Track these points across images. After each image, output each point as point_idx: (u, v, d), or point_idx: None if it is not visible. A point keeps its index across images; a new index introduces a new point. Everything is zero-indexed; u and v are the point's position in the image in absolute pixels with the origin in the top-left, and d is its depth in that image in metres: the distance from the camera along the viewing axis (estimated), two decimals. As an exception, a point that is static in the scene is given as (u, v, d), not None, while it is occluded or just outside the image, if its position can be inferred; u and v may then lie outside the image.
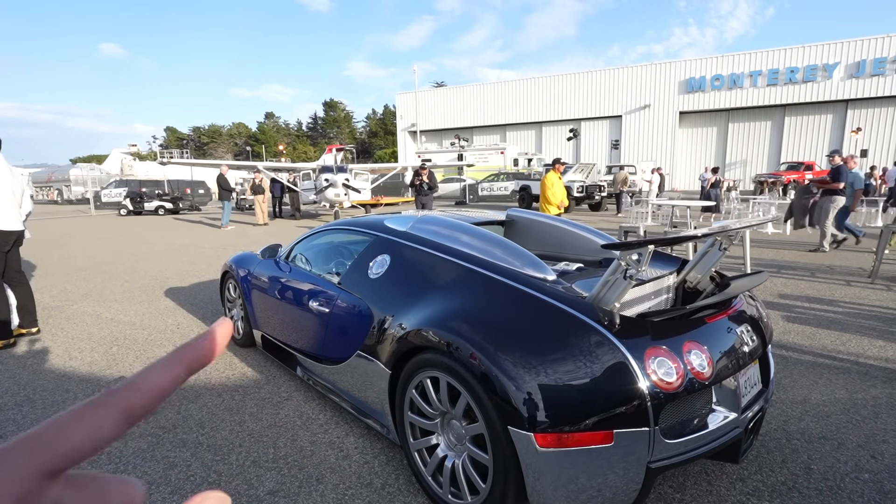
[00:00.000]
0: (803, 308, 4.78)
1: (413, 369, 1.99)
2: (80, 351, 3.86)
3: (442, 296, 2.07)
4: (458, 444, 1.91)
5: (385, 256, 2.51)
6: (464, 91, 38.30)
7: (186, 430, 2.61)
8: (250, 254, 3.89)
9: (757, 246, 8.65)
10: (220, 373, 3.39)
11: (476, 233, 2.41)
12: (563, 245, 2.98)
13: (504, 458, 1.63)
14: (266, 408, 2.86)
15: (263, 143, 75.57)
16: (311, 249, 3.31)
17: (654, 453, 1.58)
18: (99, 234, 12.55)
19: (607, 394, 1.55)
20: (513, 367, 1.62)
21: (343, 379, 2.59)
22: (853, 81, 26.48)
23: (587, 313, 1.72)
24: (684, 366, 1.64)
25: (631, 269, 1.68)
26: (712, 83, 29.47)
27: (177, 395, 3.04)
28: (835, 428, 2.55)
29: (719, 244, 2.33)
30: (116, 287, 6.21)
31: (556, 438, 1.53)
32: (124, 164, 34.90)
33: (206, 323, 4.56)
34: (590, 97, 33.22)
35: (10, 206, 3.96)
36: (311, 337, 2.86)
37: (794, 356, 3.53)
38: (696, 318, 1.87)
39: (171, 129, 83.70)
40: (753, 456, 2.30)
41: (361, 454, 2.37)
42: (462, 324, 1.85)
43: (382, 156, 60.21)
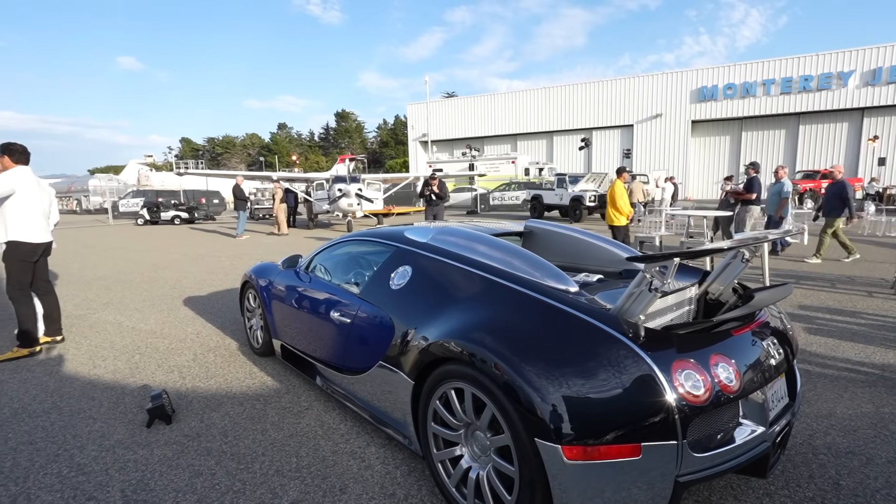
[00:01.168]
0: (825, 320, 4.70)
1: (437, 380, 2.00)
2: (104, 359, 3.93)
3: (465, 307, 2.09)
4: (482, 455, 1.92)
5: (406, 267, 2.54)
6: (475, 101, 38.55)
7: (210, 439, 2.64)
8: (270, 264, 3.95)
9: (774, 257, 8.54)
10: (240, 382, 3.43)
11: (497, 244, 2.42)
12: (582, 256, 2.99)
13: (531, 470, 1.64)
14: (287, 417, 2.89)
15: (276, 153, 76.55)
16: (331, 260, 3.35)
17: (683, 467, 1.57)
18: (117, 244, 12.78)
19: (635, 406, 1.55)
20: (539, 379, 1.63)
21: (363, 389, 2.61)
22: (869, 89, 26.18)
23: (612, 325, 1.72)
24: (711, 379, 1.64)
25: (656, 282, 1.68)
26: (725, 92, 29.34)
27: (199, 404, 3.08)
28: (862, 443, 2.50)
29: (742, 256, 2.32)
30: (136, 296, 6.32)
31: (583, 451, 1.54)
32: (141, 175, 35.57)
33: (225, 332, 4.62)
34: (601, 106, 33.23)
35: (39, 219, 4.07)
36: (332, 347, 2.89)
37: (817, 369, 3.48)
38: (721, 330, 1.86)
39: (186, 140, 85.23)
40: (780, 471, 2.27)
41: (383, 464, 2.38)
42: (487, 335, 1.86)
43: (393, 165, 60.64)
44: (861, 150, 27.37)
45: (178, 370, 3.67)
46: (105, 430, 2.75)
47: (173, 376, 3.55)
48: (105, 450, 2.55)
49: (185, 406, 3.05)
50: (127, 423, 2.84)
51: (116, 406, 3.07)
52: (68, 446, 2.59)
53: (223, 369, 3.68)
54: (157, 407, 2.77)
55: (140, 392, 3.28)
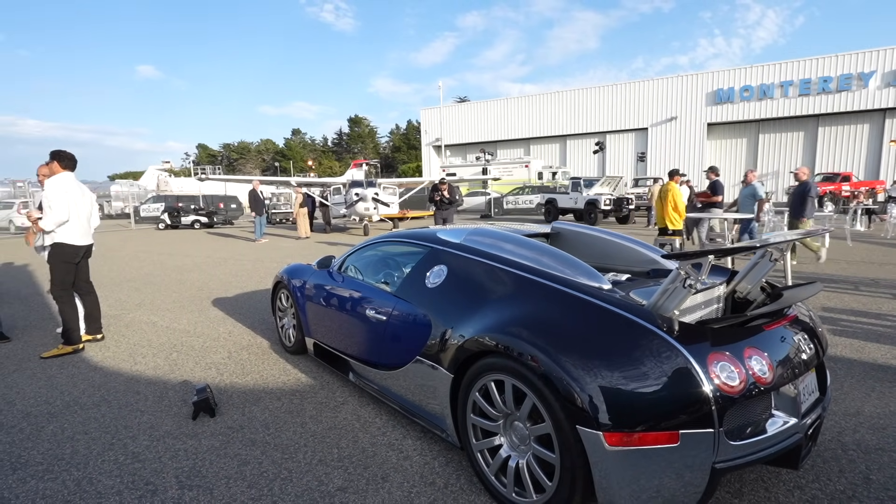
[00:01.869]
0: (849, 321, 4.70)
1: (477, 373, 2.10)
2: (144, 356, 4.10)
3: (502, 303, 2.18)
4: (521, 444, 2.00)
5: (442, 267, 2.65)
6: (487, 106, 38.68)
7: (253, 431, 2.77)
8: (303, 265, 4.09)
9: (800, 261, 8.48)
10: (275, 378, 3.56)
11: (529, 244, 2.52)
12: (609, 256, 3.06)
13: (572, 456, 1.72)
14: (324, 411, 3.01)
15: (290, 158, 77.51)
16: (364, 260, 3.47)
17: (719, 454, 1.64)
18: (141, 248, 13.11)
19: (672, 396, 1.62)
20: (578, 370, 1.72)
21: (397, 384, 2.71)
22: (891, 90, 25.72)
23: (648, 320, 1.80)
24: (746, 370, 1.71)
25: (690, 279, 1.76)
26: (741, 94, 29.04)
27: (239, 398, 3.21)
28: (892, 440, 2.54)
29: (770, 255, 2.38)
30: (166, 297, 6.52)
31: (624, 437, 1.62)
32: (160, 180, 36.33)
33: (256, 332, 4.77)
34: (615, 110, 33.11)
35: (82, 223, 4.27)
36: (366, 343, 3.00)
37: (843, 369, 3.50)
38: (753, 325, 1.93)
39: (203, 146, 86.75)
40: (809, 465, 2.31)
41: (421, 455, 2.47)
42: (525, 329, 1.95)
43: (406, 170, 61.03)
44: (883, 152, 26.86)
45: (214, 367, 3.82)
46: (153, 422, 2.89)
47: (211, 372, 3.70)
48: (156, 440, 2.68)
49: (225, 400, 3.19)
50: (173, 415, 2.98)
51: (161, 400, 3.22)
52: (121, 436, 2.74)
53: (258, 366, 3.81)
54: (203, 400, 2.91)
55: (181, 387, 3.42)
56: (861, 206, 14.44)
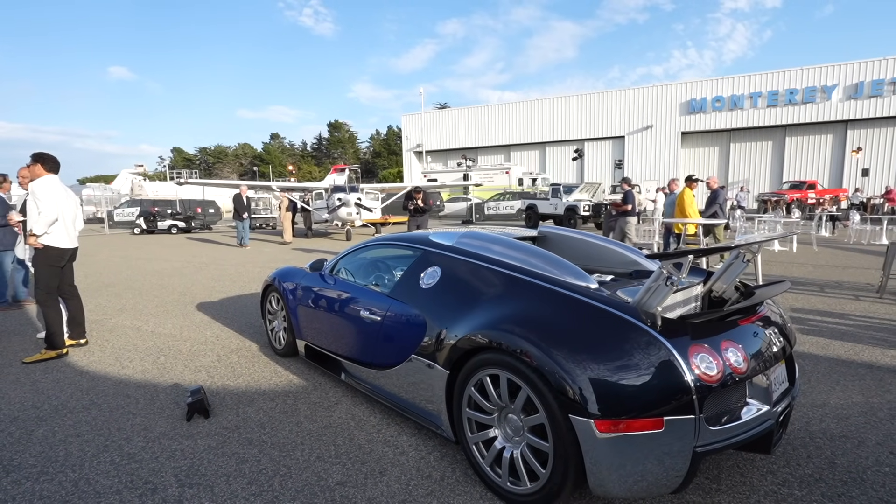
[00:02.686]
0: (816, 321, 4.97)
1: (472, 368, 2.20)
2: (131, 360, 4.07)
3: (496, 302, 2.29)
4: (514, 436, 2.11)
5: (436, 268, 2.74)
6: (468, 112, 39.06)
7: (249, 430, 2.81)
8: (294, 268, 4.13)
9: (763, 262, 8.86)
10: (267, 380, 3.59)
11: (518, 246, 2.64)
12: (594, 258, 3.21)
13: (564, 444, 1.83)
14: (319, 411, 3.06)
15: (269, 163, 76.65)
16: (356, 263, 3.54)
17: (700, 439, 1.78)
18: (117, 253, 12.83)
19: (657, 385, 1.75)
20: (570, 363, 1.83)
21: (391, 382, 2.79)
22: (852, 102, 27.00)
23: (634, 315, 1.93)
24: (723, 361, 1.85)
25: (673, 277, 1.90)
26: (713, 104, 30.06)
27: (232, 400, 3.24)
28: (854, 428, 2.73)
29: (743, 257, 2.56)
30: (148, 302, 6.44)
31: (613, 425, 1.74)
32: (134, 184, 35.50)
33: (244, 335, 4.77)
34: (593, 118, 33.85)
35: (68, 226, 4.22)
36: (360, 344, 3.07)
37: (810, 364, 3.72)
38: (729, 321, 2.08)
39: (178, 150, 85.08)
40: (780, 452, 2.48)
41: (417, 451, 2.56)
42: (520, 326, 2.07)
43: (387, 175, 61.00)
44: (845, 162, 28.13)
45: (205, 370, 3.82)
46: (147, 424, 2.90)
47: (201, 375, 3.70)
48: (151, 441, 2.70)
49: (218, 402, 3.21)
50: (166, 417, 2.99)
51: (153, 402, 3.22)
52: (115, 438, 2.74)
53: (248, 369, 3.84)
54: (197, 401, 2.93)
55: (172, 390, 3.42)
56: (826, 212, 15.11)
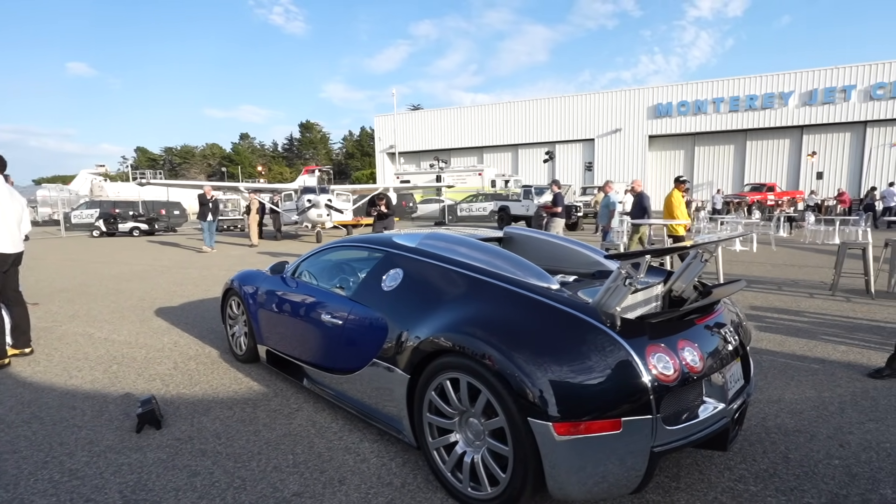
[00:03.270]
0: (773, 318, 5.13)
1: (433, 372, 2.16)
2: (80, 370, 3.86)
3: (456, 304, 2.26)
4: (475, 440, 2.07)
5: (398, 270, 2.69)
6: (441, 114, 39.11)
7: (203, 441, 2.68)
8: (255, 271, 4.00)
9: (725, 262, 9.14)
10: (226, 387, 3.46)
11: (482, 247, 2.62)
12: (558, 259, 3.22)
13: (524, 448, 1.81)
14: (278, 418, 2.96)
15: (238, 163, 74.92)
16: (319, 265, 3.45)
17: (657, 439, 1.78)
18: (73, 256, 12.26)
19: (615, 386, 1.75)
20: (529, 365, 1.81)
21: (353, 387, 2.72)
22: (807, 109, 28.28)
23: (593, 316, 1.93)
24: (679, 361, 1.86)
25: (631, 277, 1.91)
26: (679, 109, 30.98)
27: (187, 409, 3.10)
28: (807, 422, 2.81)
29: (701, 257, 2.60)
30: (103, 308, 6.14)
31: (571, 427, 1.72)
32: (94, 185, 34.11)
33: (204, 341, 4.60)
34: (564, 121, 34.40)
35: (12, 228, 3.98)
36: (322, 348, 2.98)
37: (767, 361, 3.83)
38: (686, 320, 2.11)
39: (142, 150, 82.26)
40: (737, 448, 2.53)
41: (378, 457, 2.49)
42: (480, 329, 2.03)
43: (360, 177, 60.46)
44: (802, 165, 29.42)
45: (159, 378, 3.66)
46: (93, 437, 2.74)
47: (156, 384, 3.54)
48: (96, 455, 2.55)
49: (172, 412, 3.07)
50: (114, 429, 2.84)
51: (101, 414, 3.05)
52: (56, 453, 2.57)
53: (207, 376, 3.69)
54: (148, 412, 2.79)
55: (123, 400, 3.26)
56: (784, 214, 15.74)
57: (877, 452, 2.48)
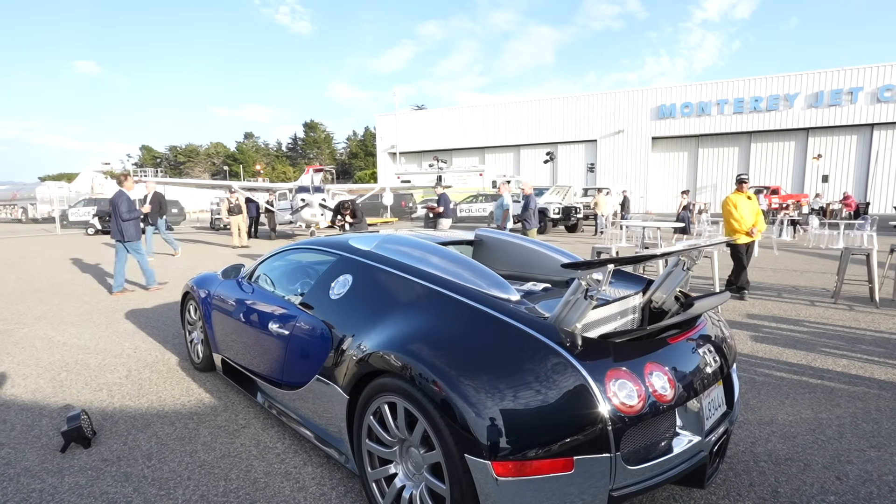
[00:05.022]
0: (770, 328, 4.85)
1: (371, 394, 1.90)
2: (25, 377, 3.62)
3: (401, 317, 2.00)
4: (416, 473, 1.82)
5: (347, 276, 2.44)
6: (443, 113, 38.87)
7: (131, 463, 2.44)
8: (211, 274, 3.76)
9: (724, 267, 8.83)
10: (175, 399, 3.22)
11: (440, 252, 2.36)
12: (531, 265, 2.96)
13: (461, 487, 1.55)
14: (221, 437, 2.71)
15: (242, 162, 74.99)
16: (275, 269, 3.21)
17: (616, 480, 1.52)
18: (62, 254, 12.07)
19: (567, 419, 1.49)
20: (469, 392, 1.55)
21: (304, 405, 2.47)
22: (813, 111, 27.86)
23: (548, 335, 1.67)
24: (646, 388, 1.60)
25: (591, 289, 1.65)
26: (682, 110, 30.62)
27: (125, 424, 2.85)
28: (801, 449, 2.54)
29: (683, 264, 2.33)
30: (74, 309, 5.92)
31: (514, 467, 1.47)
32: (94, 183, 34.08)
33: (167, 347, 4.36)
34: (566, 122, 34.09)
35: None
36: (271, 360, 2.74)
37: (761, 376, 3.55)
38: (659, 339, 1.84)
39: (147, 148, 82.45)
40: (721, 480, 2.26)
41: (319, 485, 2.24)
42: (419, 346, 1.78)
43: (363, 177, 60.35)
44: (807, 168, 28.99)
45: (107, 388, 3.42)
46: (12, 457, 2.50)
47: (101, 395, 3.30)
48: (7, 479, 2.30)
49: (108, 427, 2.82)
50: (40, 447, 2.60)
51: (30, 429, 2.81)
52: (-34, 475, 2.34)
53: (158, 386, 3.45)
54: (74, 429, 2.54)
55: (61, 413, 3.02)
56: (787, 217, 15.39)
57: (878, 486, 2.21)
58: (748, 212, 6.09)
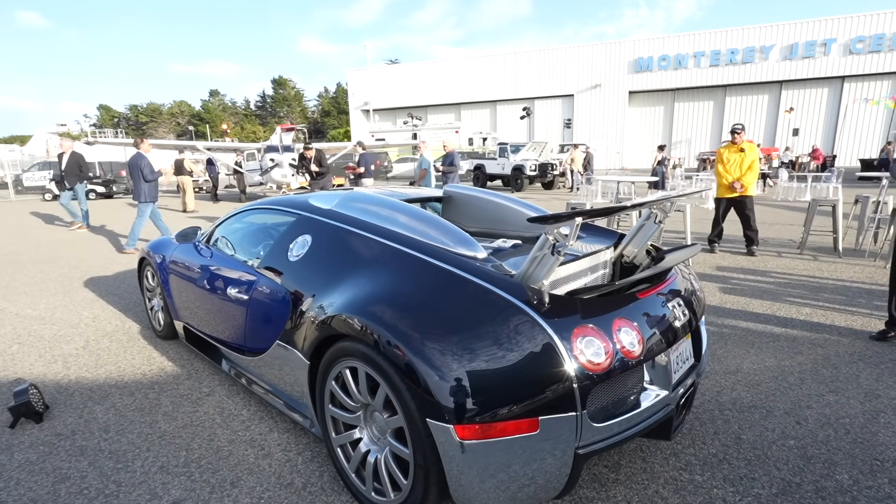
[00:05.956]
0: (738, 279, 4.93)
1: (332, 359, 1.82)
2: (-27, 351, 3.43)
3: (361, 279, 1.89)
4: (381, 437, 1.77)
5: (306, 237, 2.30)
6: (417, 68, 37.53)
7: (87, 436, 2.33)
8: (167, 238, 3.56)
9: (696, 220, 8.95)
10: (135, 369, 3.09)
11: (404, 210, 2.23)
12: (502, 221, 2.86)
13: (424, 452, 1.50)
14: (183, 405, 2.62)
15: (208, 122, 71.75)
16: (233, 231, 3.03)
17: (582, 438, 1.49)
18: (16, 221, 11.45)
19: (532, 378, 1.43)
20: (430, 354, 1.48)
21: (268, 371, 2.39)
22: (787, 63, 27.84)
23: (513, 293, 1.59)
24: (613, 345, 1.55)
25: (559, 245, 1.56)
26: (659, 63, 30.21)
27: (81, 396, 2.73)
28: (764, 396, 2.60)
29: (654, 217, 2.27)
30: (28, 278, 5.63)
31: (477, 429, 1.41)
32: (50, 145, 32.16)
33: (128, 315, 4.19)
34: (543, 76, 33.35)
35: None
36: (233, 327, 2.62)
37: (728, 328, 3.61)
38: (628, 294, 1.79)
39: (105, 108, 77.87)
40: (687, 429, 2.30)
41: (284, 451, 2.19)
42: (379, 308, 1.68)
43: (336, 135, 58.56)
44: (779, 121, 29.28)
45: (62, 360, 3.26)
46: (-43, 435, 2.37)
47: (55, 367, 3.15)
48: (-48, 458, 2.18)
49: (63, 400, 2.70)
50: (-13, 424, 2.46)
51: (-22, 405, 2.66)
52: None
53: (118, 356, 3.31)
54: (22, 404, 2.41)
55: (11, 388, 2.86)
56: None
57: (835, 430, 2.28)
58: (734, 165, 6.02)
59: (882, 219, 6.26)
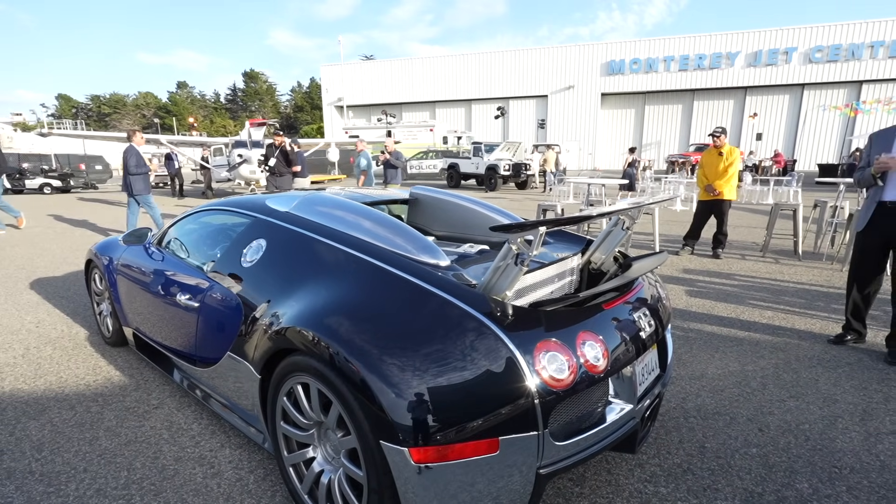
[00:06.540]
0: (704, 282, 5.01)
1: (283, 374, 1.71)
2: None
3: (316, 288, 1.79)
4: (335, 457, 1.67)
5: (261, 241, 2.17)
6: (392, 65, 37.21)
7: (17, 457, 2.15)
8: (115, 239, 3.35)
9: (664, 223, 9.11)
10: (78, 380, 2.89)
11: (366, 213, 2.13)
12: (469, 226, 2.78)
13: (378, 475, 1.41)
14: (128, 419, 2.45)
15: (175, 115, 69.50)
16: (186, 234, 2.86)
17: (544, 458, 1.43)
18: (-39, 217, 10.74)
19: (491, 397, 1.36)
20: (385, 371, 1.39)
21: (222, 384, 2.24)
22: (751, 70, 28.83)
23: (474, 304, 1.51)
24: (577, 359, 1.49)
25: (523, 254, 1.49)
26: (631, 66, 30.83)
27: (14, 412, 2.52)
28: (728, 402, 2.61)
29: (622, 224, 2.23)
30: (-32, 279, 5.25)
31: (433, 452, 1.33)
32: (2, 136, 30.51)
33: (76, 320, 3.94)
34: (518, 76, 33.56)
35: None
36: (184, 335, 2.46)
37: (694, 331, 3.64)
38: (593, 304, 1.74)
39: (65, 97, 74.49)
40: (653, 438, 2.27)
41: (235, 469, 2.06)
42: (331, 320, 1.58)
43: (309, 131, 57.62)
44: (743, 126, 30.30)
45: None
46: None
47: (-11, 378, 2.91)
48: None
49: (-6, 416, 2.49)
50: None
51: None
52: None
53: (60, 365, 3.09)
54: (-57, 422, 2.20)
55: (-64, 401, 2.63)
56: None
57: (795, 436, 2.29)
58: (710, 169, 6.11)
59: (839, 223, 6.49)
